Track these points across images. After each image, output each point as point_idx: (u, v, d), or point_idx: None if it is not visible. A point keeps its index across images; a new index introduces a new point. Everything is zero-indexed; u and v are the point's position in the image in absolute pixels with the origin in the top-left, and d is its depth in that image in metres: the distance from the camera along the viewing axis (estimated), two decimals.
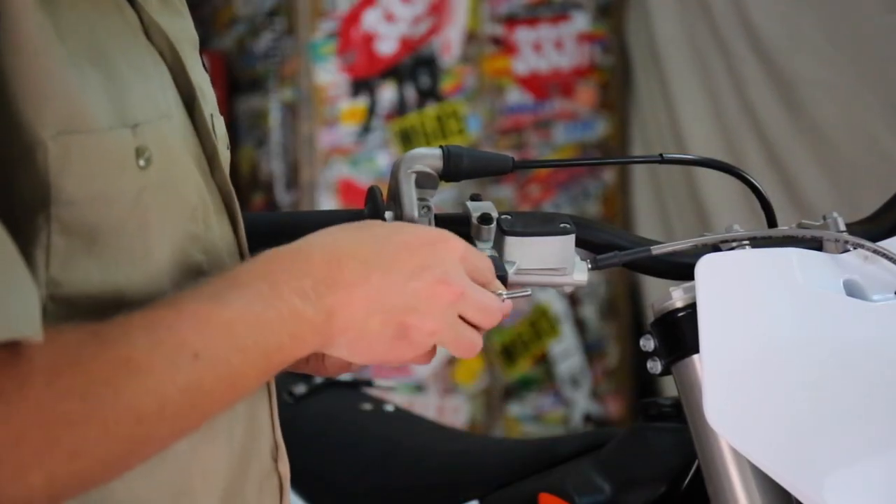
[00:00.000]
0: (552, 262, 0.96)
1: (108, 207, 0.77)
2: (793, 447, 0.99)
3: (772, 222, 1.14)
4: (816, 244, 1.08)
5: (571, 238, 0.96)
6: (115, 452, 0.73)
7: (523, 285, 0.97)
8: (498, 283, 0.89)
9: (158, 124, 0.81)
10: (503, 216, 1.01)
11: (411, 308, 0.82)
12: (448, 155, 1.02)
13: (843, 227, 1.10)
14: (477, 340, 0.87)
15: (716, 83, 3.34)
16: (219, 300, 0.77)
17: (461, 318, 0.85)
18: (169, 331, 0.74)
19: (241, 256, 0.89)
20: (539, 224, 0.92)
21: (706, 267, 1.01)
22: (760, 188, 1.14)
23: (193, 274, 0.83)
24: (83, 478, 0.72)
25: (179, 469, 0.82)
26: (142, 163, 0.78)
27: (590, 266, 0.99)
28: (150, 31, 0.85)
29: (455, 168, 1.01)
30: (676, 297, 1.05)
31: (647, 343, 1.08)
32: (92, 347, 0.72)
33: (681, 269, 1.07)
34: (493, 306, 0.87)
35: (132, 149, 0.78)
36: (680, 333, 1.05)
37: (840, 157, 3.07)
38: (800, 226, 1.11)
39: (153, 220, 0.80)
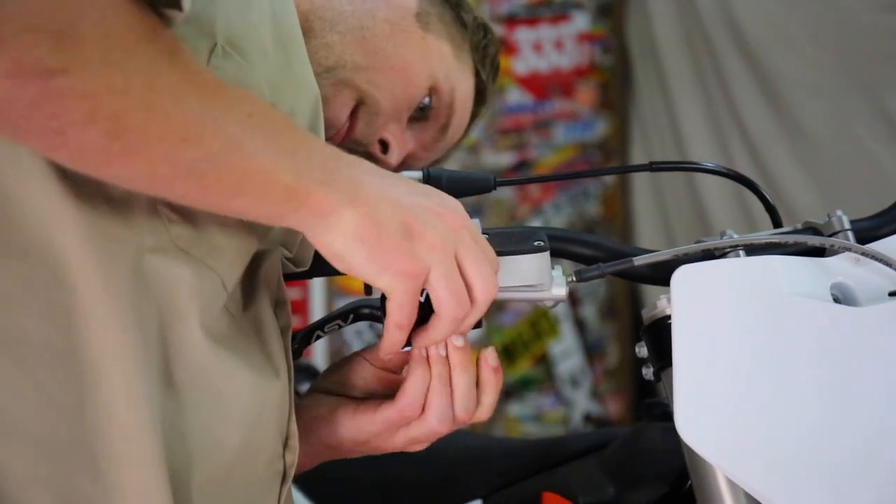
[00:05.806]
0: (529, 278, 0.97)
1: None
2: (769, 461, 0.96)
3: (777, 225, 1.15)
4: (811, 248, 1.07)
5: (545, 255, 0.98)
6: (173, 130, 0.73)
7: (503, 301, 0.99)
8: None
9: None
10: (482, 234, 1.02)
11: (417, 214, 0.84)
12: (427, 177, 1.07)
13: (847, 225, 1.09)
14: (466, 300, 0.87)
15: (707, 83, 3.34)
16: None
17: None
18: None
19: None
20: (515, 243, 0.95)
21: (682, 278, 1.00)
22: (763, 191, 1.14)
23: None
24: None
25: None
26: None
27: (573, 280, 1.00)
28: None
29: None
30: (662, 305, 1.05)
31: (641, 349, 1.09)
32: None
33: (670, 274, 1.07)
34: (490, 264, 0.88)
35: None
36: (666, 342, 1.04)
37: (823, 158, 3.04)
38: (804, 225, 1.11)
39: None
